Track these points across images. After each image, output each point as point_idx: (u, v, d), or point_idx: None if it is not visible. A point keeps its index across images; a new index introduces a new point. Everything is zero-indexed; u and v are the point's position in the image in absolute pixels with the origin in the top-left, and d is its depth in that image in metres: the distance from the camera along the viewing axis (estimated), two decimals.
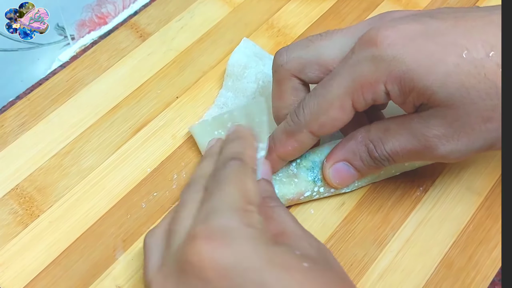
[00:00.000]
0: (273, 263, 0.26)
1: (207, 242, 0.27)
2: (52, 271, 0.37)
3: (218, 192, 0.30)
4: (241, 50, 0.44)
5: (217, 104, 0.44)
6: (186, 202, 0.32)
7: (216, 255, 0.26)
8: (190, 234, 0.28)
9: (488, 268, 0.36)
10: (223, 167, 0.32)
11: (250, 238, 0.27)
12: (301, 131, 0.34)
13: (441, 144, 0.31)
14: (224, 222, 0.28)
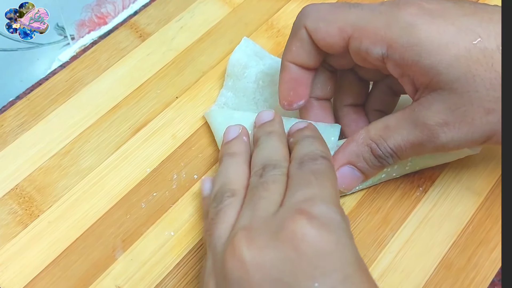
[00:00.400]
0: (362, 266, 0.27)
1: (312, 221, 0.27)
2: (52, 271, 0.37)
3: (316, 183, 0.31)
4: (242, 49, 0.44)
5: (217, 104, 0.44)
6: (275, 179, 0.32)
7: (318, 235, 0.27)
8: (295, 208, 0.28)
9: (488, 268, 0.36)
10: (314, 162, 0.32)
11: (349, 236, 0.28)
12: (300, 29, 0.35)
13: (442, 132, 0.31)
14: (329, 212, 0.28)
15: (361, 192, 0.40)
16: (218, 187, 0.34)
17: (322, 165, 0.32)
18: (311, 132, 0.36)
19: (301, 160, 0.33)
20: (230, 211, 0.32)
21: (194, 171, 0.41)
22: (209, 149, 0.42)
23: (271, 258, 0.27)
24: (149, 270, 0.37)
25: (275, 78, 0.43)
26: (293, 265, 0.27)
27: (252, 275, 0.27)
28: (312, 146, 0.34)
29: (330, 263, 0.27)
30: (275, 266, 0.27)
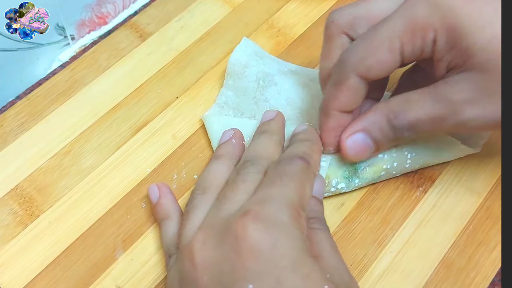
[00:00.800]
0: (300, 270, 0.27)
1: (256, 222, 0.28)
2: (52, 271, 0.37)
3: (279, 184, 0.31)
4: (242, 49, 0.44)
5: (218, 103, 0.44)
6: (246, 178, 0.33)
7: (258, 236, 0.27)
8: (244, 209, 0.29)
9: (488, 268, 0.36)
10: (288, 162, 0.32)
11: (292, 238, 0.28)
12: (349, 77, 0.33)
13: (466, 108, 0.31)
14: (277, 213, 0.29)
15: (361, 192, 0.40)
16: (194, 186, 0.35)
17: (296, 166, 0.32)
18: (305, 136, 0.36)
19: (279, 160, 0.33)
20: (197, 210, 0.33)
21: (195, 171, 0.41)
22: (209, 149, 0.42)
23: (216, 259, 0.28)
24: (150, 270, 0.37)
25: (275, 77, 0.43)
26: (231, 266, 0.27)
27: (201, 277, 0.28)
28: (295, 149, 0.34)
29: (264, 266, 0.27)
30: (218, 267, 0.28)
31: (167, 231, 0.36)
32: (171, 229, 0.36)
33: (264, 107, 0.42)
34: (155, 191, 0.38)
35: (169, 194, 0.38)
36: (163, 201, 0.38)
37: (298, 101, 0.42)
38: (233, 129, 0.39)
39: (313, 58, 0.47)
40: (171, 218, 0.37)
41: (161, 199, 0.38)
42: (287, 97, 0.42)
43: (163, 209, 0.37)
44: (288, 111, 0.41)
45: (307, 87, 0.43)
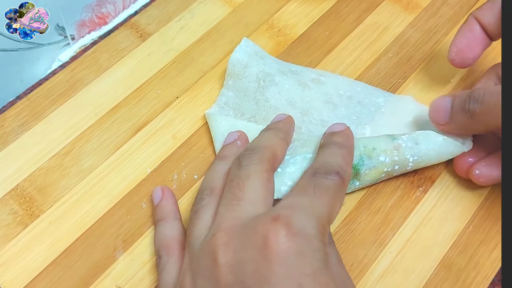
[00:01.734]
0: (319, 279, 0.27)
1: (285, 229, 0.28)
2: (52, 272, 0.37)
3: (311, 195, 0.31)
4: (242, 49, 0.44)
5: (218, 104, 0.44)
6: (249, 171, 0.33)
7: (286, 242, 0.28)
8: (274, 214, 0.29)
9: (488, 268, 0.36)
10: (325, 175, 0.32)
11: (316, 250, 0.28)
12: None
13: None
14: (306, 225, 0.29)
15: (361, 192, 0.40)
16: (200, 187, 0.35)
17: (332, 181, 0.32)
18: (341, 139, 0.36)
19: (315, 171, 0.33)
20: (207, 210, 0.33)
21: (195, 171, 0.41)
22: (209, 149, 0.42)
23: (240, 259, 0.28)
24: (150, 270, 0.37)
25: (275, 77, 0.43)
26: (256, 268, 0.27)
27: (225, 276, 0.28)
28: (332, 157, 0.34)
29: (289, 271, 0.27)
30: (242, 267, 0.28)
31: (159, 231, 0.37)
32: (164, 230, 0.36)
33: (264, 107, 0.42)
34: (158, 193, 0.39)
35: (171, 197, 0.39)
36: (163, 203, 0.38)
37: (299, 101, 0.42)
38: (239, 131, 0.40)
39: (313, 58, 0.47)
40: (166, 220, 0.37)
41: (162, 201, 0.38)
42: (288, 97, 0.42)
43: (161, 211, 0.38)
44: (289, 111, 0.41)
45: (308, 87, 0.43)
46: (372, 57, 0.47)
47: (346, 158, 0.34)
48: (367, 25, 0.49)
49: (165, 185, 0.40)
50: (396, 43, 0.48)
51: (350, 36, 0.48)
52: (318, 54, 0.47)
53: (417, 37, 0.48)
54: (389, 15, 0.49)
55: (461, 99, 0.36)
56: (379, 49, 0.47)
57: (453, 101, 0.37)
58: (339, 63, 0.46)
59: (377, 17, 0.49)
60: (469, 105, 0.35)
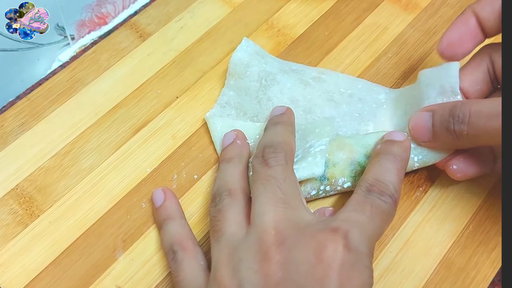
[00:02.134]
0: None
1: (343, 241, 0.29)
2: (52, 271, 0.37)
3: (368, 215, 0.31)
4: (243, 48, 0.44)
5: (219, 103, 0.44)
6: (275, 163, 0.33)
7: (343, 253, 0.29)
8: (334, 225, 0.30)
9: (488, 268, 0.36)
10: (383, 197, 0.32)
11: (366, 267, 0.30)
12: None
13: None
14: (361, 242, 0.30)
15: None
16: (215, 189, 0.36)
17: (386, 204, 0.32)
18: (401, 152, 0.35)
19: (371, 188, 0.33)
20: (232, 208, 0.34)
21: (195, 171, 0.41)
22: (209, 149, 0.42)
23: (294, 259, 0.29)
24: (150, 270, 0.37)
25: (277, 76, 0.43)
26: (310, 270, 0.28)
27: (276, 273, 0.29)
28: (388, 174, 0.34)
29: (340, 279, 0.28)
30: (295, 267, 0.29)
31: (169, 230, 0.37)
32: (174, 228, 0.36)
33: (267, 106, 0.42)
34: (160, 194, 0.39)
35: (174, 197, 0.39)
36: (167, 204, 0.38)
37: (301, 99, 0.42)
38: (235, 131, 0.40)
39: (313, 58, 0.47)
40: (173, 219, 0.37)
41: (166, 201, 0.38)
42: (290, 96, 0.42)
43: (167, 211, 0.38)
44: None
45: (309, 86, 0.43)
46: (371, 57, 0.47)
47: (400, 177, 0.34)
48: (366, 25, 0.49)
49: (165, 186, 0.40)
50: (395, 43, 0.48)
51: (349, 36, 0.48)
52: (317, 54, 0.47)
53: (416, 37, 0.48)
54: (389, 15, 0.49)
55: (443, 117, 0.35)
56: (379, 49, 0.47)
57: (434, 118, 0.36)
58: (339, 63, 0.46)
59: (377, 17, 0.49)
60: (453, 126, 0.34)
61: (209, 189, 0.40)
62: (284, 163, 0.34)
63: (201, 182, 0.41)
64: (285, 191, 0.32)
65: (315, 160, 0.37)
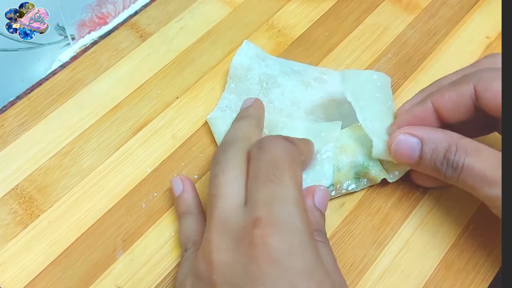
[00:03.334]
0: (314, 277, 0.28)
1: (270, 230, 0.28)
2: (52, 271, 0.37)
3: (275, 181, 0.30)
4: (243, 52, 0.44)
5: (219, 107, 0.44)
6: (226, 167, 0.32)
7: (274, 244, 0.28)
8: (254, 216, 0.29)
9: (488, 268, 0.36)
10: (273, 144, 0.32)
11: (306, 245, 0.28)
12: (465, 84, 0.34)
13: None
14: (288, 217, 0.28)
15: (361, 192, 0.40)
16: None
17: (282, 150, 0.31)
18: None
19: (261, 139, 0.32)
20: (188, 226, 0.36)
21: (195, 171, 0.41)
22: (209, 149, 0.42)
23: (229, 260, 0.29)
24: (150, 270, 0.37)
25: (278, 79, 0.43)
26: (245, 270, 0.28)
27: (215, 275, 0.29)
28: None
29: (278, 271, 0.27)
30: (231, 268, 0.28)
31: (186, 225, 0.37)
32: (191, 224, 0.36)
33: (268, 109, 0.42)
34: (178, 184, 0.38)
35: (192, 189, 0.38)
36: (185, 196, 0.38)
37: (303, 101, 0.42)
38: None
39: (313, 59, 0.47)
40: (191, 213, 0.37)
41: (184, 193, 0.38)
42: (291, 98, 0.42)
43: (184, 204, 0.38)
44: (293, 111, 0.42)
45: (310, 87, 0.43)
46: (371, 58, 0.47)
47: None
48: (366, 25, 0.49)
49: (184, 175, 0.39)
50: (395, 43, 0.48)
51: (349, 36, 0.48)
52: (318, 54, 0.47)
53: (416, 37, 0.48)
54: (389, 15, 0.49)
55: (436, 156, 0.33)
56: (379, 49, 0.47)
57: (423, 150, 0.34)
58: (339, 64, 0.46)
59: (377, 17, 0.49)
60: (446, 170, 0.33)
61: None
62: (231, 156, 0.33)
63: (201, 182, 0.41)
64: (220, 186, 0.32)
65: (323, 169, 0.37)
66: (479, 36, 0.48)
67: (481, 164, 0.32)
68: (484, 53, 0.46)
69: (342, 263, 0.37)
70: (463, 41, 0.47)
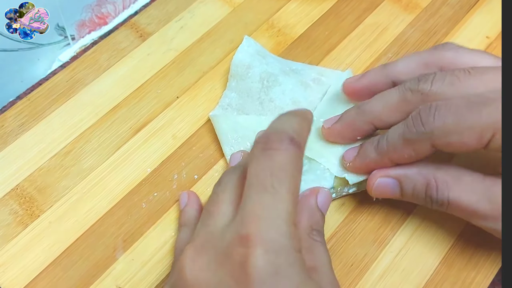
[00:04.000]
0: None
1: (255, 249, 0.26)
2: (52, 272, 0.37)
3: (270, 191, 0.28)
4: (244, 49, 0.44)
5: (221, 105, 0.44)
6: (226, 187, 0.32)
7: (259, 264, 0.26)
8: (240, 232, 0.27)
9: (488, 268, 0.36)
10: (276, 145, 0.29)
11: (294, 264, 0.27)
12: (422, 142, 0.31)
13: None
14: (276, 235, 0.27)
15: (361, 192, 0.39)
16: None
17: (284, 154, 0.28)
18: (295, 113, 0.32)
19: (267, 136, 0.29)
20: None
21: (195, 171, 0.41)
22: (209, 149, 0.42)
23: (210, 280, 0.27)
24: (150, 270, 0.37)
25: (279, 77, 0.43)
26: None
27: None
28: (286, 124, 0.30)
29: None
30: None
31: (181, 236, 0.36)
32: (185, 236, 0.36)
33: (269, 107, 0.42)
34: (185, 197, 0.39)
35: (195, 203, 0.38)
36: (187, 209, 0.38)
37: (303, 100, 0.42)
38: (241, 153, 0.39)
39: (313, 58, 0.47)
40: (188, 226, 0.36)
41: (186, 206, 0.38)
42: (292, 97, 0.42)
43: (184, 216, 0.38)
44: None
45: (309, 87, 0.43)
46: (372, 57, 0.47)
47: (301, 125, 0.30)
48: (367, 25, 0.49)
49: (191, 191, 0.40)
50: (395, 43, 0.48)
51: (350, 36, 0.48)
52: (318, 54, 0.47)
53: (416, 37, 0.48)
54: (389, 15, 0.49)
55: (417, 194, 0.33)
56: (379, 49, 0.47)
57: (404, 190, 0.34)
58: (339, 63, 0.46)
59: (377, 17, 0.49)
60: (432, 205, 0.33)
61: (210, 189, 0.40)
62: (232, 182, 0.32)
63: (202, 182, 0.41)
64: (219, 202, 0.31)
65: (324, 174, 0.37)
66: (479, 36, 0.48)
67: (467, 198, 0.31)
68: None
69: (342, 262, 0.37)
70: (463, 40, 0.47)
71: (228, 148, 0.41)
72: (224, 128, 0.41)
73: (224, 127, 0.41)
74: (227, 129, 0.41)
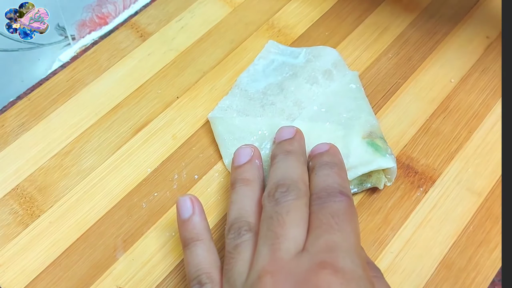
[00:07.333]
0: None
1: (336, 276, 0.27)
2: (53, 272, 0.37)
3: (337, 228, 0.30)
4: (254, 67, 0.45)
5: (220, 107, 0.43)
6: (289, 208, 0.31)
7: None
8: (318, 260, 0.28)
9: (488, 268, 0.36)
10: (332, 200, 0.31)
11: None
12: None
13: None
14: (352, 266, 0.28)
15: (362, 192, 0.40)
16: (234, 217, 0.33)
17: (341, 203, 0.31)
18: (331, 158, 0.35)
19: (319, 196, 0.32)
20: (248, 246, 0.32)
21: (195, 171, 0.41)
22: (209, 149, 0.42)
23: None
24: (150, 270, 0.37)
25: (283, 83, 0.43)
26: None
27: None
28: (329, 179, 0.33)
29: None
30: None
31: (196, 254, 0.33)
32: (201, 253, 0.33)
33: (270, 109, 0.42)
34: (187, 205, 0.34)
35: (203, 211, 0.34)
36: (195, 220, 0.34)
37: (305, 101, 0.42)
38: (252, 147, 0.38)
39: None
40: (202, 241, 0.33)
41: (194, 216, 0.34)
42: (294, 99, 0.42)
43: (194, 229, 0.33)
44: (295, 111, 0.41)
45: (316, 84, 0.43)
46: (372, 57, 0.47)
47: (341, 176, 0.34)
48: (367, 25, 0.49)
49: (193, 195, 0.35)
50: (396, 43, 0.48)
51: (350, 36, 0.48)
52: None
53: (417, 37, 0.48)
54: (389, 15, 0.49)
55: None
56: (379, 49, 0.47)
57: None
58: None
59: (377, 17, 0.49)
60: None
61: (210, 189, 0.40)
62: (294, 198, 0.32)
63: (202, 182, 0.41)
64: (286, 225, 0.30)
65: None
66: (479, 36, 0.48)
67: None
68: (484, 52, 0.46)
69: None
70: (464, 40, 0.47)
71: (225, 150, 0.41)
72: (220, 130, 0.42)
73: (220, 129, 0.41)
74: (223, 131, 0.41)
